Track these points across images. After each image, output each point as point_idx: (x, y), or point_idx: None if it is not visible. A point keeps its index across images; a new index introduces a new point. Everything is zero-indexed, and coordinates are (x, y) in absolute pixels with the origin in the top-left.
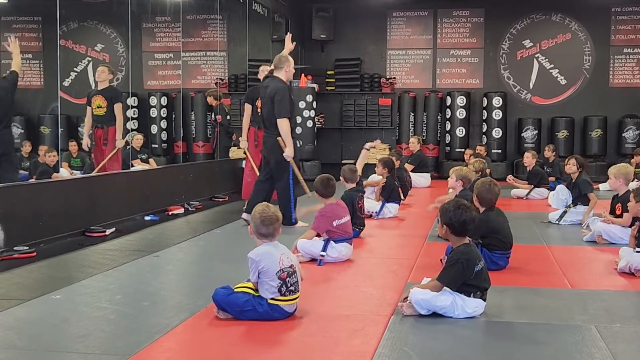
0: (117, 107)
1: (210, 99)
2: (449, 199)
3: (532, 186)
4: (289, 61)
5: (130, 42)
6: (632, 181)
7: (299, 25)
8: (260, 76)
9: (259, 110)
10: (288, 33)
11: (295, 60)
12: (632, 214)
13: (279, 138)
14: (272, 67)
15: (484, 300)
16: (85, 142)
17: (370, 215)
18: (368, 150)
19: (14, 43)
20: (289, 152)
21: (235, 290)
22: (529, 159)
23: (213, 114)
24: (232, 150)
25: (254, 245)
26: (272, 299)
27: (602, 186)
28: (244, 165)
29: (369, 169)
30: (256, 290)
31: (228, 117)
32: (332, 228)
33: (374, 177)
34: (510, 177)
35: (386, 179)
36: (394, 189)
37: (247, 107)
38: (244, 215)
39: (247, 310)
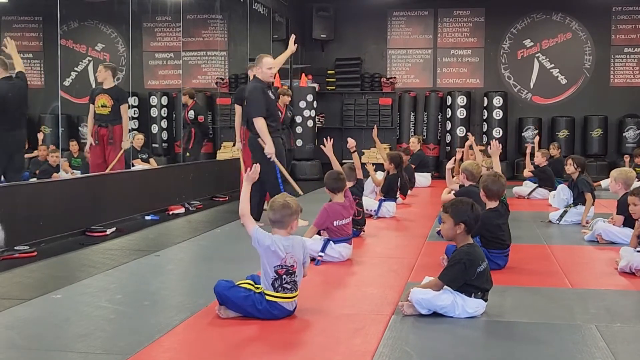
0: (124, 108)
1: (185, 98)
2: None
3: (536, 185)
4: (261, 62)
5: (130, 42)
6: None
7: (299, 24)
8: (251, 75)
9: None
10: (292, 35)
11: (295, 60)
12: (636, 216)
13: (258, 138)
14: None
15: (485, 300)
16: (89, 143)
17: (370, 215)
18: (353, 152)
19: (10, 44)
20: (268, 149)
21: (237, 284)
22: (538, 159)
23: (187, 112)
24: (219, 152)
25: (253, 246)
26: (269, 295)
27: (604, 183)
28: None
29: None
30: (257, 287)
31: (201, 116)
32: (332, 227)
33: (379, 175)
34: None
35: (392, 174)
36: (393, 187)
37: (237, 108)
38: None
39: (247, 305)
